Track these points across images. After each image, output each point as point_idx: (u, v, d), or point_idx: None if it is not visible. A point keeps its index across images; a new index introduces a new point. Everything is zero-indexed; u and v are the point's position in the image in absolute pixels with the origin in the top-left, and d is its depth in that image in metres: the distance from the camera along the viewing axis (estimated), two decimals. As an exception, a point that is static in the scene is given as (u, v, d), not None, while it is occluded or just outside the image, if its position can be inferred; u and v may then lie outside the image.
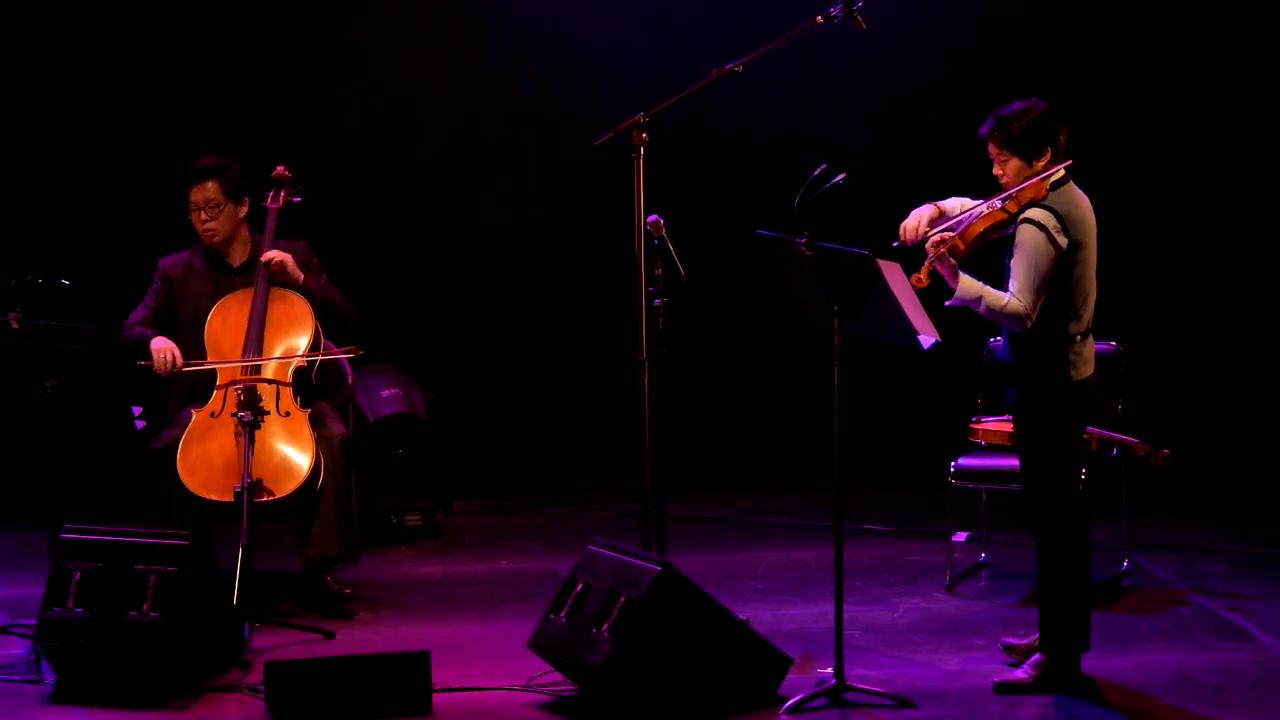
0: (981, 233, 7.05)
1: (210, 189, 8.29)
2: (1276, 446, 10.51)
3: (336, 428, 8.23)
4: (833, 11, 7.60)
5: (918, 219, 7.15)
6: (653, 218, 7.67)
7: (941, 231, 7.03)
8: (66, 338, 7.79)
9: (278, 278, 8.27)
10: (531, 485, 10.50)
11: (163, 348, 8.17)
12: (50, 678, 7.33)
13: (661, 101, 7.76)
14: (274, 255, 8.26)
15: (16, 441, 9.93)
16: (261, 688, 7.05)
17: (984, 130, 7.10)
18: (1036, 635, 7.27)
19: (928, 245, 7.03)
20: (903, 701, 7.03)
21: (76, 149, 10.39)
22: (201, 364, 8.18)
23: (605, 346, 10.16)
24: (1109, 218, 7.26)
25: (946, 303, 7.07)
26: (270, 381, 8.10)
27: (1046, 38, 10.58)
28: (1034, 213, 7.01)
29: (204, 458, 7.98)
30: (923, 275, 6.98)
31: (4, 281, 7.84)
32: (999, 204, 7.06)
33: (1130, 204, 10.22)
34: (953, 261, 6.98)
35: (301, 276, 8.31)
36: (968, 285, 6.98)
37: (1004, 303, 6.96)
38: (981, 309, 6.99)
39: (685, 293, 7.78)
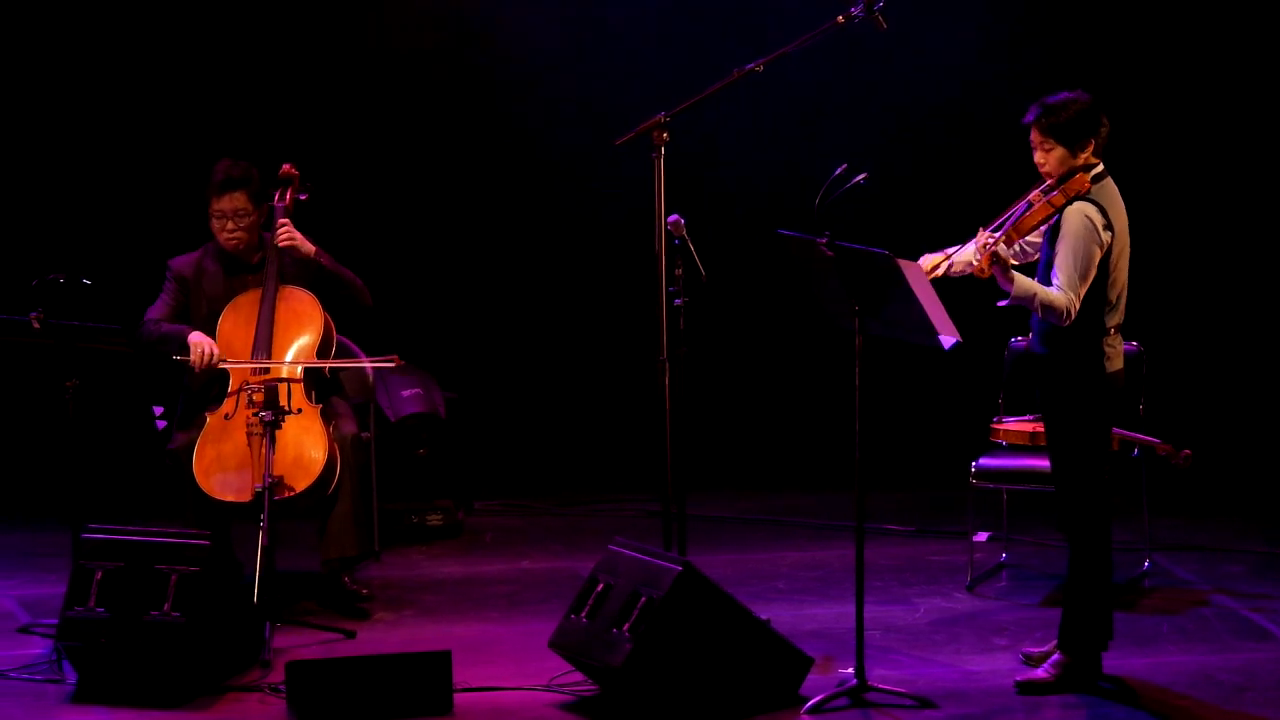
0: (1033, 226, 7.04)
1: (240, 199, 8.25)
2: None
3: (348, 427, 8.20)
4: (854, 11, 7.59)
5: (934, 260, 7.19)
6: (673, 217, 7.65)
7: (989, 234, 6.99)
8: (88, 337, 7.79)
9: (289, 255, 8.25)
10: (553, 485, 10.50)
11: (201, 342, 8.10)
12: (72, 677, 7.34)
13: (682, 102, 7.75)
14: (285, 235, 8.24)
15: (38, 441, 9.95)
16: (283, 687, 7.06)
17: (1030, 118, 7.07)
18: (1054, 641, 7.27)
19: (978, 247, 6.98)
20: (924, 702, 7.02)
21: (97, 149, 10.39)
22: (237, 362, 8.14)
23: (626, 347, 10.16)
24: (1131, 217, 7.24)
25: (1000, 304, 7.06)
26: (282, 379, 8.08)
27: (1067, 37, 10.57)
28: (1082, 205, 7.00)
29: (219, 460, 7.97)
30: (984, 265, 6.96)
31: (26, 281, 7.85)
32: (1048, 195, 7.02)
33: (1151, 203, 10.18)
34: (1007, 261, 6.94)
35: (313, 250, 8.28)
36: (1022, 284, 6.96)
37: (1053, 298, 6.94)
38: (1035, 305, 6.97)
39: (706, 293, 7.77)
